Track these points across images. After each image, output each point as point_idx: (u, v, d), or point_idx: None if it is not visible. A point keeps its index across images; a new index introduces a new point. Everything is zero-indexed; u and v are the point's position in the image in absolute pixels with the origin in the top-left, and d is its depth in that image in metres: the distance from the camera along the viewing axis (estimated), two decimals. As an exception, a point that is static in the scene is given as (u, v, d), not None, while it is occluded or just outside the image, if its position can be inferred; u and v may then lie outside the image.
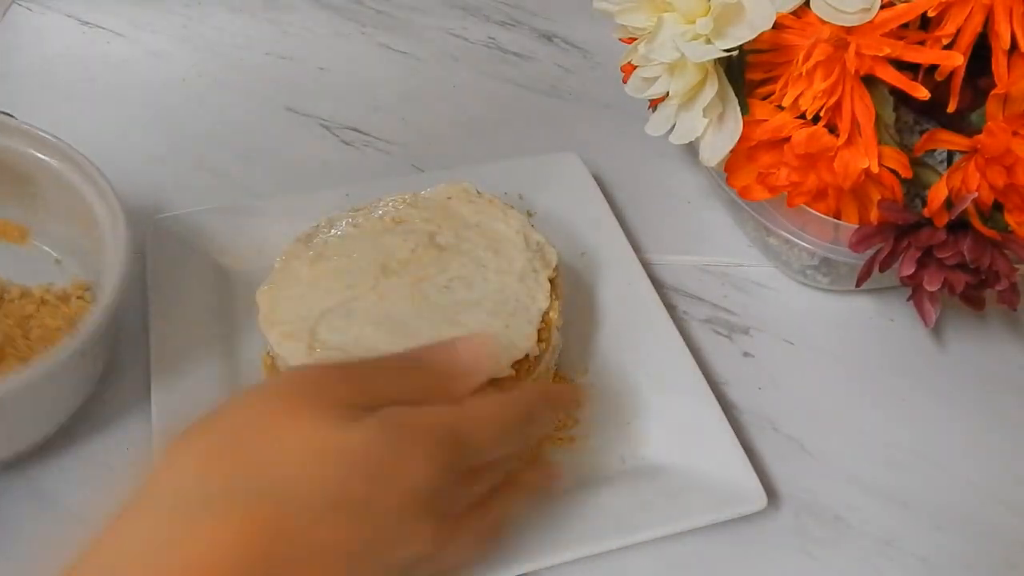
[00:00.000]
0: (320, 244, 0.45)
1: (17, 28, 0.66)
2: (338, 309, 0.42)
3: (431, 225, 0.46)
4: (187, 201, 0.54)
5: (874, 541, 0.43)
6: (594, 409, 0.45)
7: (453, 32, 0.71)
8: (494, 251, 0.45)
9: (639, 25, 0.48)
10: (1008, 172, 0.43)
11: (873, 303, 0.53)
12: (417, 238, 0.45)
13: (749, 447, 0.46)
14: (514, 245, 0.46)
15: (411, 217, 0.46)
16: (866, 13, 0.43)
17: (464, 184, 0.49)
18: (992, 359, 0.51)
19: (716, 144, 0.47)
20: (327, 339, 0.41)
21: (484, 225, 0.47)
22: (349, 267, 0.44)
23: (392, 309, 0.42)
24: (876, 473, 0.45)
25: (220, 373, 0.45)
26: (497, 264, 0.45)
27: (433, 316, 0.42)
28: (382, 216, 0.46)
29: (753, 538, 0.42)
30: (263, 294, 0.43)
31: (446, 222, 0.46)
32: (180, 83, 0.63)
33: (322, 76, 0.66)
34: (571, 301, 0.48)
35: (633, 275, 0.51)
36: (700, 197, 0.59)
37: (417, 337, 0.41)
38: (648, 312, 0.49)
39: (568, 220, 0.53)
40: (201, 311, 0.47)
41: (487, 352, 0.36)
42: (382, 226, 0.46)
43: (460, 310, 0.43)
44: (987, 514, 0.44)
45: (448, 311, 0.43)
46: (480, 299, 0.43)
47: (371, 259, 0.44)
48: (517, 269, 0.45)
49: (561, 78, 0.67)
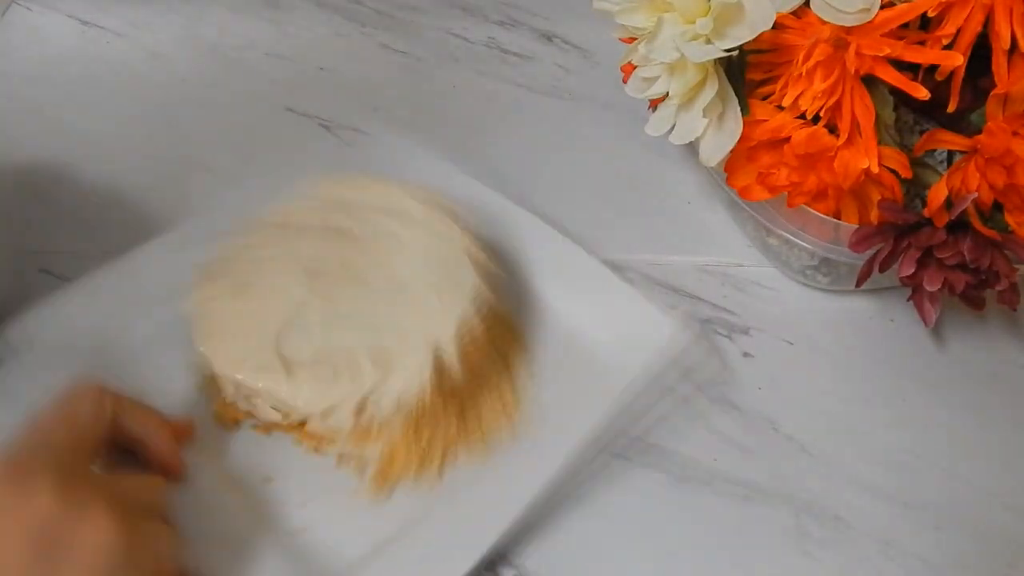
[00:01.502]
0: (229, 275, 0.43)
1: (17, 28, 0.66)
2: (290, 325, 0.42)
3: (330, 220, 0.46)
4: (187, 201, 0.54)
5: (874, 541, 0.43)
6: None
7: (453, 32, 0.71)
8: (401, 222, 0.46)
9: (639, 25, 0.48)
10: (1008, 172, 0.43)
11: (873, 303, 0.53)
12: (324, 234, 0.45)
13: (749, 447, 0.46)
14: (420, 212, 0.47)
15: (305, 219, 0.46)
16: (866, 13, 0.43)
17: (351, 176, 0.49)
18: (992, 359, 0.51)
19: (716, 144, 0.47)
20: (299, 357, 0.41)
21: (385, 204, 0.47)
22: (274, 284, 0.43)
23: (341, 306, 0.42)
24: (876, 473, 0.45)
25: None
26: (412, 233, 0.45)
27: (382, 297, 0.43)
28: (274, 227, 0.45)
29: (753, 538, 0.42)
30: (207, 344, 0.41)
31: (342, 212, 0.46)
32: (180, 83, 0.63)
33: (322, 76, 0.66)
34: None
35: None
36: (700, 197, 0.59)
37: (380, 320, 0.42)
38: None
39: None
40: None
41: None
42: (281, 236, 0.45)
43: (403, 283, 0.43)
44: (987, 514, 0.44)
45: (393, 287, 0.43)
46: (414, 267, 0.44)
47: (291, 269, 0.43)
48: (437, 231, 0.46)
49: (561, 78, 0.67)
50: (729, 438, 0.46)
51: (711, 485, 0.44)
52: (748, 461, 0.45)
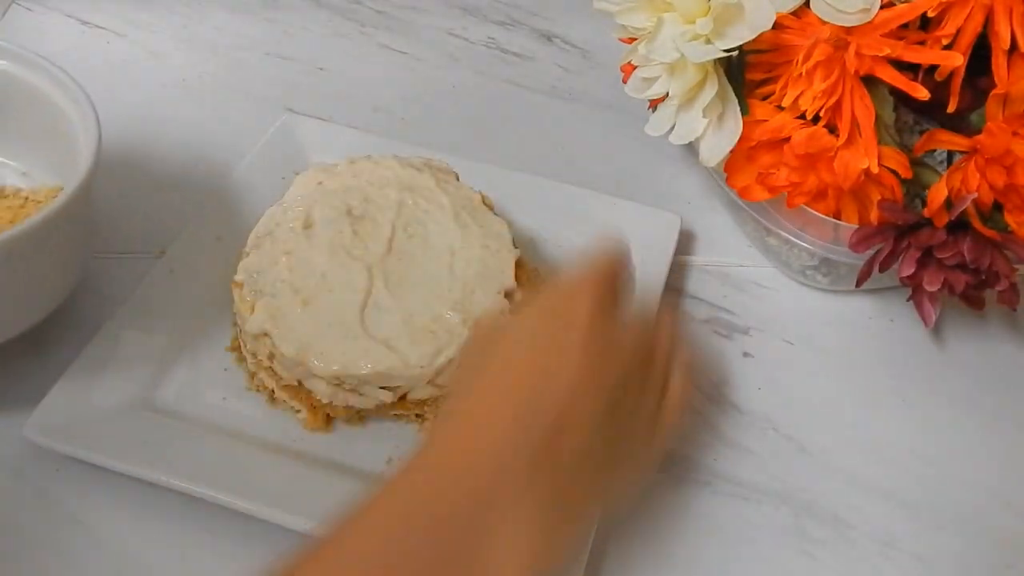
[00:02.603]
0: (283, 287, 0.44)
1: (17, 28, 0.66)
2: (367, 309, 0.43)
3: (347, 207, 0.47)
4: (187, 201, 0.54)
5: (874, 541, 0.43)
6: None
7: (453, 32, 0.71)
8: (412, 190, 0.48)
9: (639, 25, 0.48)
10: (1008, 172, 0.43)
11: (873, 303, 0.53)
12: (349, 221, 0.46)
13: (749, 447, 0.46)
14: (424, 177, 0.49)
15: (324, 214, 0.47)
16: (866, 13, 0.43)
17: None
18: (992, 359, 0.51)
19: (716, 144, 0.47)
20: (390, 333, 0.42)
21: (389, 178, 0.49)
22: (334, 280, 0.44)
23: (402, 278, 0.44)
24: (876, 473, 0.45)
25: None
26: (427, 197, 0.48)
27: (432, 259, 0.45)
28: (300, 230, 0.46)
29: (753, 538, 0.42)
30: (300, 355, 0.42)
31: (355, 197, 0.48)
32: (180, 83, 0.63)
33: (322, 76, 0.66)
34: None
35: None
36: (700, 197, 0.59)
37: (440, 279, 0.45)
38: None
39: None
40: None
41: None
42: (312, 236, 0.46)
43: (443, 242, 0.46)
44: (987, 514, 0.44)
45: (436, 248, 0.46)
46: (446, 225, 0.47)
47: (340, 262, 0.45)
48: (447, 190, 0.49)
49: (561, 78, 0.67)
50: (729, 438, 0.46)
51: (711, 485, 0.44)
52: (748, 461, 0.45)
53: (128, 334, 0.45)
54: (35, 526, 0.40)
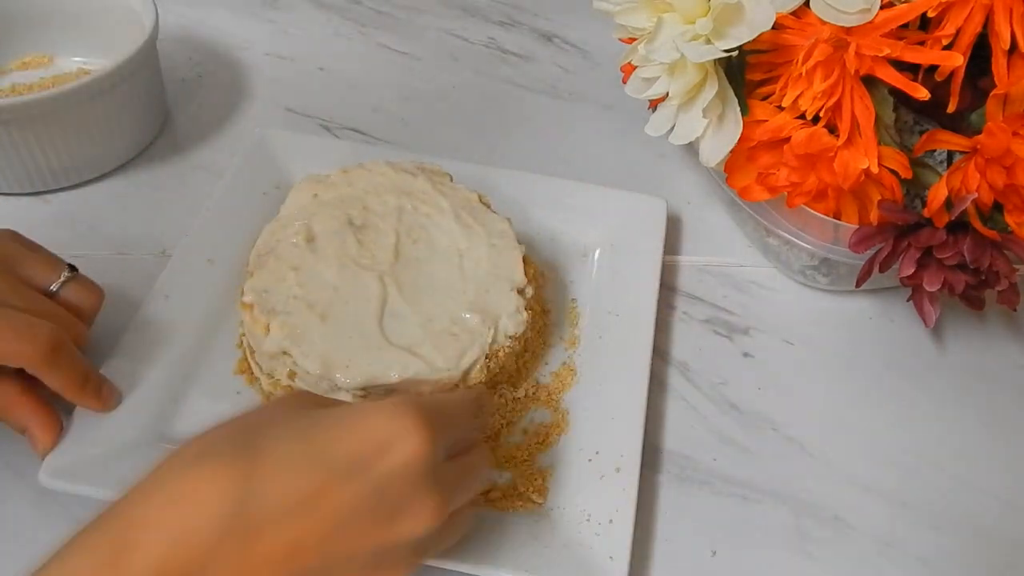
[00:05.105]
0: (298, 304, 0.43)
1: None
2: (386, 318, 0.43)
3: (348, 217, 0.47)
4: (186, 201, 0.54)
5: (874, 541, 0.43)
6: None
7: (453, 32, 0.71)
8: (410, 194, 0.48)
9: (639, 25, 0.48)
10: (1008, 172, 0.43)
11: (873, 303, 0.53)
12: (352, 231, 0.46)
13: (749, 447, 0.46)
14: (419, 181, 0.49)
15: (326, 226, 0.46)
16: (866, 13, 0.43)
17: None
18: (992, 359, 0.51)
19: (716, 144, 0.47)
20: (412, 340, 0.43)
21: (385, 184, 0.49)
22: (348, 293, 0.44)
23: (414, 283, 0.45)
24: (876, 473, 0.45)
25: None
26: (425, 200, 0.48)
27: (441, 262, 0.46)
28: (304, 244, 0.46)
29: (753, 538, 0.42)
30: (325, 369, 0.41)
31: (355, 206, 0.48)
32: (181, 83, 0.63)
33: (322, 76, 0.66)
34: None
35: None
36: (700, 197, 0.59)
37: (453, 281, 0.45)
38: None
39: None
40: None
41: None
42: (316, 249, 0.45)
43: (449, 244, 0.46)
44: (987, 514, 0.44)
45: (442, 250, 0.46)
46: (450, 227, 0.47)
47: (351, 274, 0.44)
48: (444, 192, 0.49)
49: (561, 78, 0.67)
50: (729, 438, 0.46)
51: (711, 485, 0.44)
52: (748, 461, 0.45)
53: (131, 366, 0.43)
54: (35, 526, 0.40)
